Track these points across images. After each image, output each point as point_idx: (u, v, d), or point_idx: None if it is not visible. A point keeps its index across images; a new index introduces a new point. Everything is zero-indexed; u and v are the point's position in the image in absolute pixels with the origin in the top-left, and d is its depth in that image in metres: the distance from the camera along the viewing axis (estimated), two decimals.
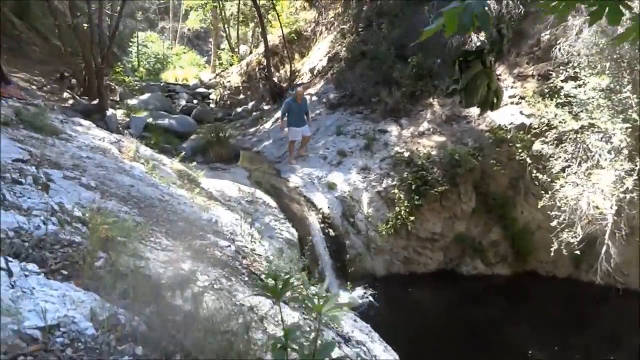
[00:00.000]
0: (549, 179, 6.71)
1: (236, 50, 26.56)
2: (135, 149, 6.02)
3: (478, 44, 8.65)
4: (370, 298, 8.09)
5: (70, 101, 11.71)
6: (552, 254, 6.10)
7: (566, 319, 7.98)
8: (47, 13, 14.03)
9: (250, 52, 23.49)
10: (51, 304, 1.20)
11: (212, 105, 21.24)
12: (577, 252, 5.84)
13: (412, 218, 8.27)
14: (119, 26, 13.96)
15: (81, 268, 1.59)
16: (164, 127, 12.04)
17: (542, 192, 8.27)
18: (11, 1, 14.16)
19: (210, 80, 26.15)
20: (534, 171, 8.22)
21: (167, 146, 10.86)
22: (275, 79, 16.60)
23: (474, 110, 8.92)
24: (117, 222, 3.01)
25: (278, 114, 13.00)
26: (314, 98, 12.12)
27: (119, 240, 2.84)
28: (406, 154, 8.63)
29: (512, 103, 8.52)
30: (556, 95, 6.59)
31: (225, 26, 28.37)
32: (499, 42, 1.88)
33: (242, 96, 20.24)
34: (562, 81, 6.60)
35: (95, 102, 12.31)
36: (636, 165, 5.06)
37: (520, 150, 8.17)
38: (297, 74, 16.97)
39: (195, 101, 22.29)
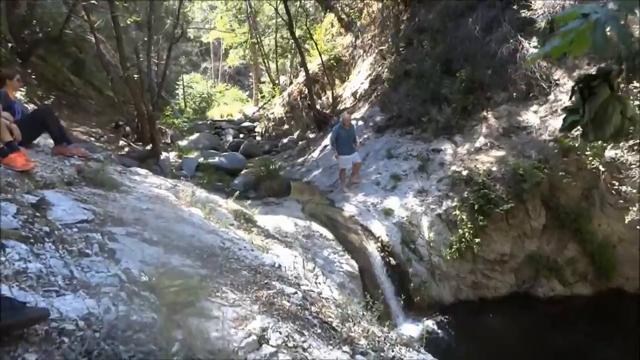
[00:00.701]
0: (632, 189, 6.09)
1: (276, 82, 27.09)
2: (191, 194, 6.03)
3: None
4: (438, 329, 7.63)
5: (126, 149, 12.19)
6: None
7: None
8: (100, 67, 14.87)
9: (291, 83, 23.86)
10: None
11: (258, 138, 21.61)
12: None
13: (477, 240, 7.78)
14: (166, 72, 14.57)
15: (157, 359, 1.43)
16: (215, 166, 12.26)
17: (622, 201, 7.60)
18: (69, 59, 15.14)
19: (253, 113, 26.76)
20: (610, 179, 7.58)
21: (219, 184, 11.02)
22: (318, 106, 16.64)
23: (534, 120, 8.42)
24: (183, 282, 2.90)
25: (325, 142, 12.96)
26: (360, 122, 11.95)
27: (187, 301, 2.72)
28: (464, 173, 8.20)
29: None
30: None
31: (265, 60, 29.11)
32: (630, 59, 1.60)
33: (286, 126, 20.47)
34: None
35: (149, 147, 12.77)
36: None
37: (591, 159, 7.56)
38: (339, 99, 16.97)
39: (241, 135, 22.83)
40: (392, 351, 3.44)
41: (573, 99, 1.58)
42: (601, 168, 7.53)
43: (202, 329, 2.39)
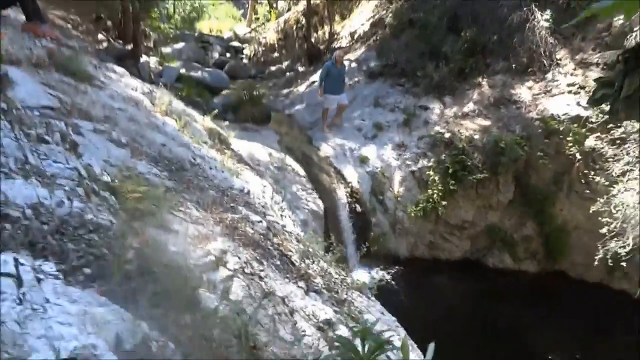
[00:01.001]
0: (605, 181, 6.21)
1: (274, 5, 25.66)
2: (168, 103, 5.74)
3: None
4: (390, 280, 7.88)
5: (105, 44, 11.45)
6: (596, 262, 5.69)
7: (592, 326, 7.63)
8: None
9: (289, 9, 22.66)
10: (68, 325, 0.94)
11: (245, 61, 20.75)
12: (624, 263, 5.40)
13: (444, 203, 7.89)
14: None
15: (108, 265, 1.33)
16: (197, 80, 11.75)
17: (588, 191, 7.79)
18: None
19: (245, 34, 25.49)
20: (583, 169, 7.70)
21: (198, 100, 10.60)
22: (313, 40, 15.95)
23: (526, 96, 8.34)
24: (147, 190, 2.76)
25: (313, 77, 12.55)
26: (354, 65, 11.56)
27: (148, 209, 2.61)
28: (447, 135, 8.16)
29: (569, 92, 7.87)
30: None
31: None
32: None
33: (276, 54, 19.65)
34: None
35: (129, 47, 12.03)
36: None
37: (570, 144, 7.61)
38: (336, 36, 16.29)
39: (228, 54, 21.82)
40: (345, 294, 3.48)
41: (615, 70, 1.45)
42: (578, 156, 7.61)
43: (160, 241, 2.30)
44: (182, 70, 11.97)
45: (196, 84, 11.45)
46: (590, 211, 5.71)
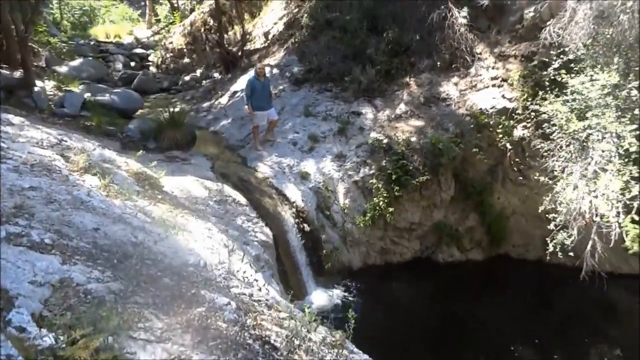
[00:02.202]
0: (537, 170, 6.49)
1: (175, 5, 24.16)
2: (86, 158, 4.99)
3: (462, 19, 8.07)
4: (347, 296, 7.73)
5: None
6: (547, 257, 5.93)
7: (536, 301, 8.07)
8: None
9: (192, 10, 21.43)
10: None
11: (153, 70, 19.41)
12: (570, 248, 5.67)
13: (390, 209, 7.85)
14: None
15: None
16: (105, 105, 10.64)
17: (521, 178, 8.16)
18: None
19: (148, 38, 23.86)
20: (514, 157, 8.03)
21: (111, 129, 9.64)
22: (225, 42, 15.19)
23: (453, 92, 8.48)
24: (90, 314, 2.27)
25: (234, 87, 11.95)
26: (275, 71, 11.12)
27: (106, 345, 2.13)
28: (384, 141, 8.08)
29: (493, 85, 8.12)
30: (551, 87, 6.21)
31: None
32: None
33: (187, 60, 18.57)
34: (555, 70, 6.20)
35: (18, 73, 10.59)
36: None
37: (501, 136, 7.89)
38: (249, 37, 15.66)
39: (132, 64, 20.34)
40: None
41: None
42: (508, 146, 7.91)
43: None
44: (87, 95, 10.76)
45: (106, 110, 10.35)
46: (539, 211, 5.89)
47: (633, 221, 5.29)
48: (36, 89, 10.42)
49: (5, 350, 1.62)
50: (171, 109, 10.07)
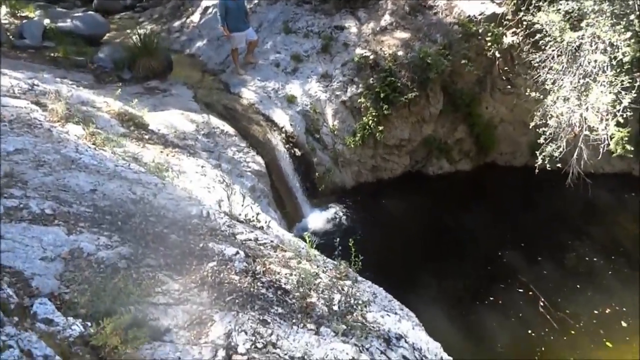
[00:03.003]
0: (525, 81, 6.42)
1: None
2: (65, 106, 4.73)
3: None
4: (342, 214, 7.96)
5: None
6: (536, 170, 6.07)
7: (521, 204, 8.43)
8: None
9: None
10: None
11: None
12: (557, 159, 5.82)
13: (380, 128, 7.81)
14: None
15: None
16: (69, 32, 9.85)
17: (509, 87, 8.08)
18: None
19: None
20: (503, 66, 7.88)
21: (80, 59, 9.05)
22: None
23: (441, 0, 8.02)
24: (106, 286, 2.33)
25: (204, 2, 11.09)
26: None
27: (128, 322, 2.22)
28: (370, 57, 7.78)
29: None
30: None
31: None
32: None
33: None
34: None
35: None
36: (636, 81, 4.81)
37: (490, 44, 7.64)
38: None
39: None
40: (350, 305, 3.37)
41: None
42: (497, 54, 7.70)
43: None
44: (47, 22, 9.92)
45: (70, 38, 9.63)
46: (530, 126, 5.91)
47: (618, 124, 5.40)
48: None
49: (41, 351, 1.67)
50: (141, 32, 9.41)
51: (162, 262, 2.92)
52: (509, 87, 8.03)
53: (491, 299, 6.18)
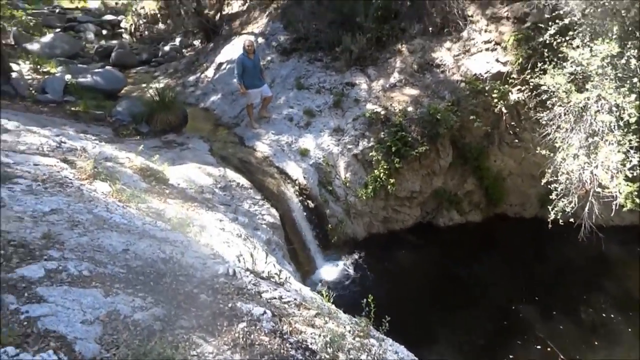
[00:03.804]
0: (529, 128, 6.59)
1: None
2: (93, 164, 4.90)
3: None
4: (354, 268, 7.96)
5: None
6: (549, 224, 6.14)
7: (533, 257, 8.43)
8: None
9: None
10: None
11: (126, 38, 18.61)
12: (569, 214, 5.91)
13: (391, 180, 7.96)
14: None
15: None
16: (89, 87, 10.26)
17: (517, 141, 8.31)
18: None
19: (116, 3, 22.64)
20: (510, 121, 8.13)
21: (99, 112, 9.37)
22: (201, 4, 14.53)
23: (447, 58, 8.40)
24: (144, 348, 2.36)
25: (218, 59, 11.60)
26: (260, 40, 10.80)
27: None
28: (381, 112, 8.06)
29: (487, 49, 8.05)
30: (548, 55, 6.19)
31: None
32: None
33: (162, 26, 17.82)
34: (551, 36, 6.15)
35: None
36: None
37: (496, 101, 7.93)
38: (225, 1, 15.01)
39: (104, 32, 19.47)
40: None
41: None
42: (504, 110, 7.97)
43: None
44: (68, 77, 10.35)
45: (90, 93, 10.01)
46: (542, 182, 6.04)
47: (626, 179, 5.52)
48: (14, 74, 9.98)
49: None
50: (157, 86, 9.80)
51: (194, 324, 2.96)
52: (517, 141, 8.25)
53: (511, 356, 6.07)
